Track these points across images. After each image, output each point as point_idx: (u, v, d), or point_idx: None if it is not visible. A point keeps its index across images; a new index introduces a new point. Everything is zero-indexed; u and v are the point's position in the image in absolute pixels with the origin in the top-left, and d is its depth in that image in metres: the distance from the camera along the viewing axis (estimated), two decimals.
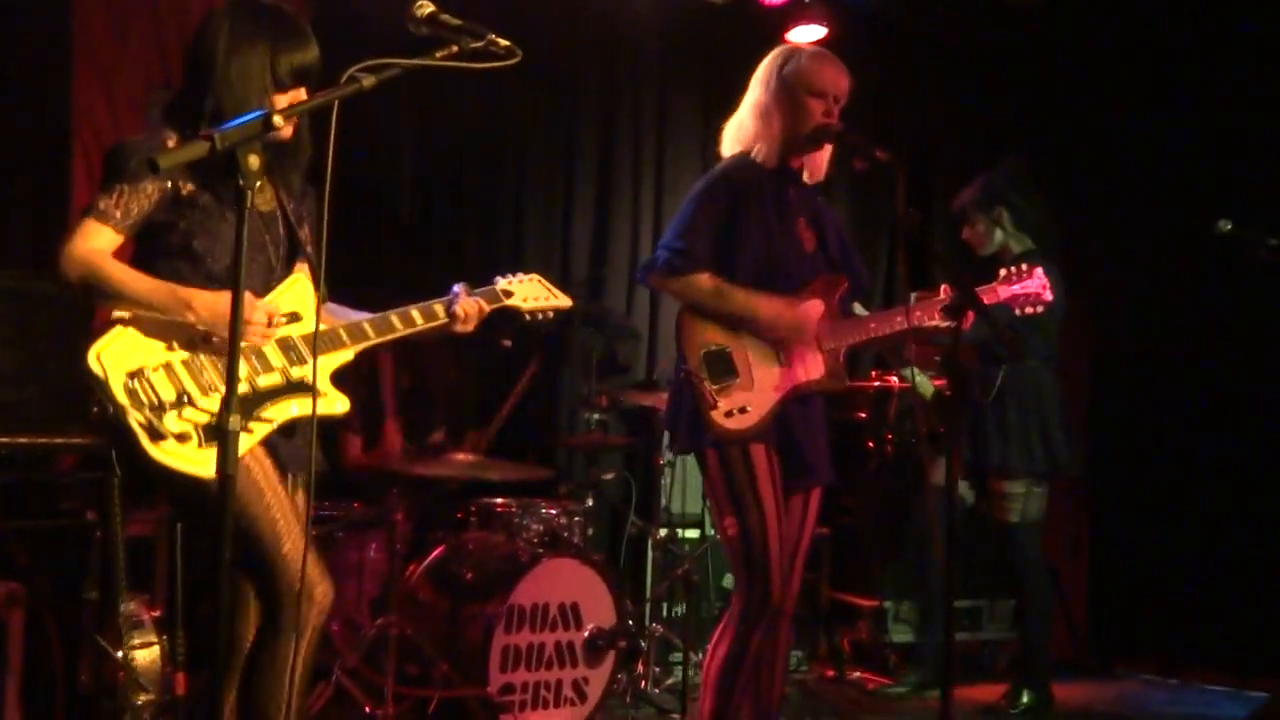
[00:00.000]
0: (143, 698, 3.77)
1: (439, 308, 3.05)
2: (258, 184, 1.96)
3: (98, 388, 2.61)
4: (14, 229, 4.80)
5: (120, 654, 3.74)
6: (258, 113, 1.91)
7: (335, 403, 2.85)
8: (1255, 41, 6.14)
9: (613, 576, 4.60)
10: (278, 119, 1.90)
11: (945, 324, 3.45)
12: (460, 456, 4.74)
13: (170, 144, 2.65)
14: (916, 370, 5.14)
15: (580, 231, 6.32)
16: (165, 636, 3.89)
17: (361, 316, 3.00)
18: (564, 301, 3.30)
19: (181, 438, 2.61)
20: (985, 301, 3.44)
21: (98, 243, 2.64)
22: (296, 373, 2.79)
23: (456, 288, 3.12)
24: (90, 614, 3.75)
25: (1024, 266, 3.56)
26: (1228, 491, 6.17)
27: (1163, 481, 6.48)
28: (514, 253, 6.15)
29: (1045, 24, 6.65)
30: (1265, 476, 5.97)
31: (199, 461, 2.59)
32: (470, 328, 3.10)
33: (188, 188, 2.70)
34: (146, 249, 2.77)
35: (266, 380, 2.76)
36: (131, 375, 2.62)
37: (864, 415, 5.86)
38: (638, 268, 4.06)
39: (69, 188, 4.98)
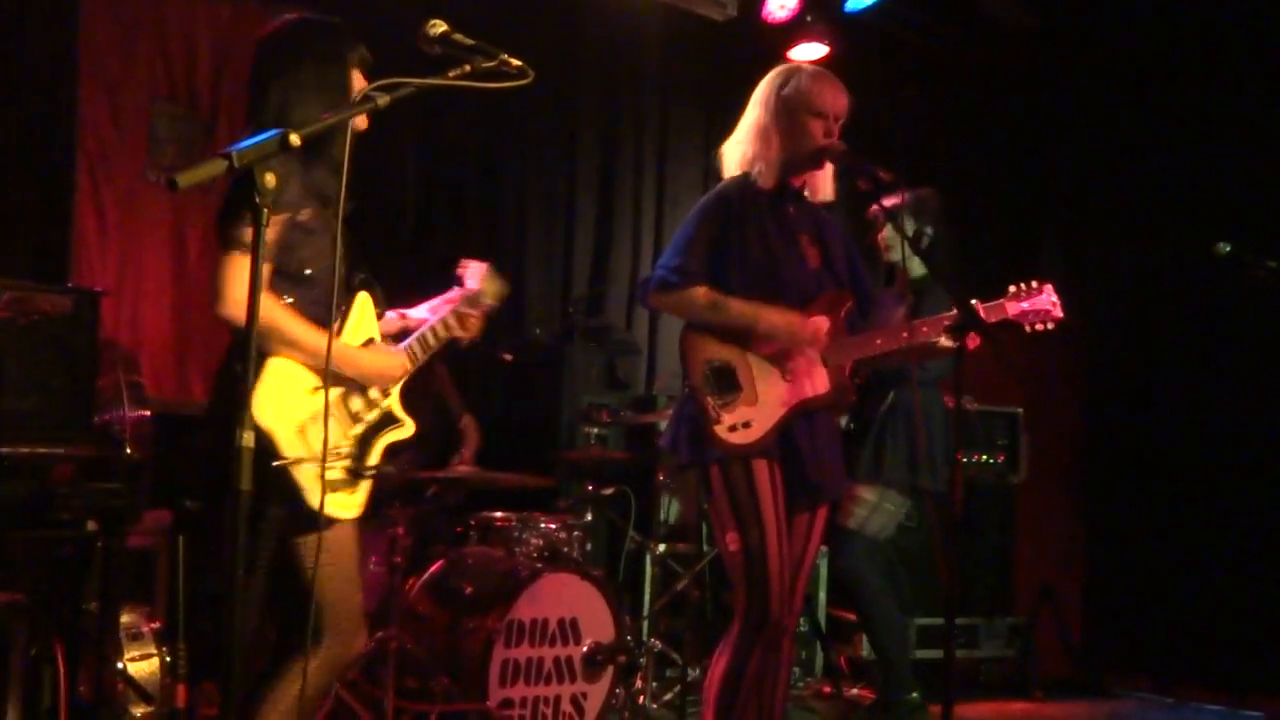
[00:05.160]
0: (142, 709, 3.78)
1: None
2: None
3: (265, 441, 2.54)
4: (18, 239, 4.81)
5: (120, 665, 3.74)
6: (274, 131, 1.93)
7: (407, 427, 2.95)
8: (1254, 62, 6.18)
9: (612, 591, 4.60)
10: (294, 138, 1.91)
11: (950, 341, 3.45)
12: (461, 466, 4.75)
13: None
14: None
15: (581, 247, 6.34)
16: (165, 648, 3.90)
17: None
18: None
19: (336, 485, 2.68)
20: (993, 319, 3.45)
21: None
22: (386, 404, 2.90)
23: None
24: (90, 625, 3.75)
25: (1034, 283, 3.54)
26: (1224, 509, 6.19)
27: (1159, 499, 6.50)
28: (515, 268, 6.18)
29: (1041, 42, 6.69)
30: (1262, 494, 6.00)
31: (349, 506, 2.71)
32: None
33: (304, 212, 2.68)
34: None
35: (371, 415, 2.84)
36: (299, 428, 2.63)
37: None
38: (637, 286, 4.06)
39: (72, 198, 5.00)
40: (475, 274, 3.23)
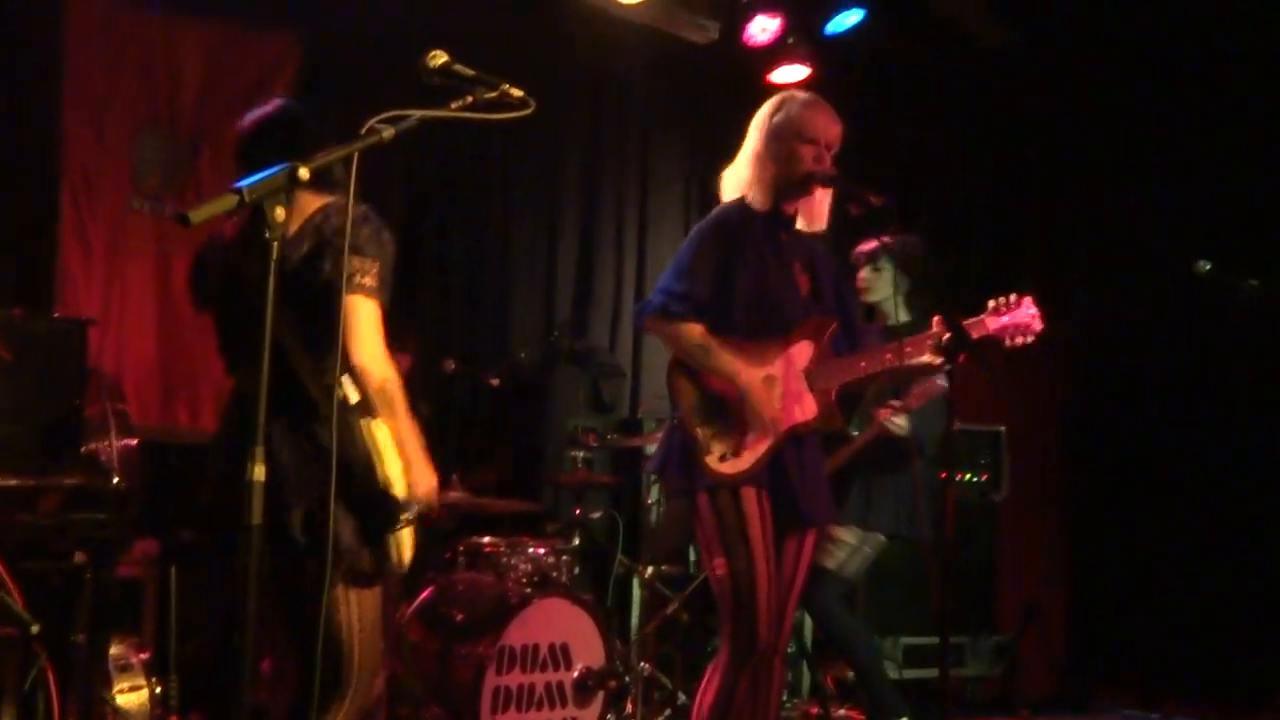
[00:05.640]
0: None
1: None
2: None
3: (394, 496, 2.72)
4: (3, 265, 4.78)
5: (109, 696, 3.71)
6: (282, 165, 1.93)
7: None
8: (1236, 79, 6.24)
9: (602, 616, 4.60)
10: (303, 171, 1.92)
11: (936, 360, 3.46)
12: (452, 493, 4.73)
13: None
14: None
15: (564, 269, 6.35)
16: (155, 679, 3.87)
17: None
18: None
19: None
20: (974, 336, 3.45)
21: None
22: None
23: None
24: (79, 657, 3.72)
25: (1013, 297, 3.55)
26: (1209, 525, 6.23)
27: (1143, 515, 6.54)
28: (499, 290, 6.18)
29: (1022, 60, 6.74)
30: (1246, 510, 6.04)
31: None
32: None
33: None
34: None
35: None
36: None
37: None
38: (630, 308, 4.05)
39: (57, 225, 4.97)
40: None
